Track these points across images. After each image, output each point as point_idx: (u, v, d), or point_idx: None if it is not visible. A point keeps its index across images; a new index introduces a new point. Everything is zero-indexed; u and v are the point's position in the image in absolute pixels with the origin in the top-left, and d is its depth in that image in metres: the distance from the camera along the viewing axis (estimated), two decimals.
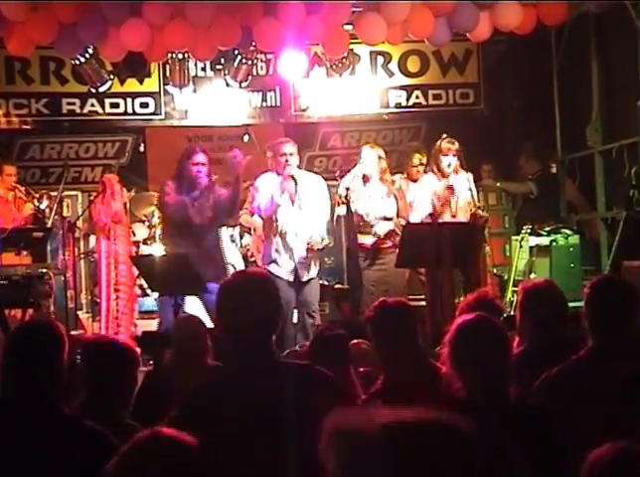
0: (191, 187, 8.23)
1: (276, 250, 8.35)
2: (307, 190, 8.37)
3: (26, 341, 3.34)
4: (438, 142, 8.72)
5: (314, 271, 8.46)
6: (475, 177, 8.97)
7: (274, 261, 8.35)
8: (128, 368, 3.97)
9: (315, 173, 10.70)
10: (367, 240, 8.69)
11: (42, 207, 9.83)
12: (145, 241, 10.38)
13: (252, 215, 9.03)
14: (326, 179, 9.53)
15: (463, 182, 8.59)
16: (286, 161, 8.22)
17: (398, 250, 8.17)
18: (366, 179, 8.70)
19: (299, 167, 8.70)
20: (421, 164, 8.97)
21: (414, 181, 8.95)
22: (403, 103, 11.16)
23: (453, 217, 8.56)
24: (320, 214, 8.43)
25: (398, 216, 8.69)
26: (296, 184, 8.32)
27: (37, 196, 9.89)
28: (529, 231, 9.61)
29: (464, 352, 3.34)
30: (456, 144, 8.65)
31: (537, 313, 4.42)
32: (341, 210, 8.66)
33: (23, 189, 9.94)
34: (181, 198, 8.18)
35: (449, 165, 8.57)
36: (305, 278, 8.32)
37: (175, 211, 8.21)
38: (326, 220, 8.51)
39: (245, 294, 3.14)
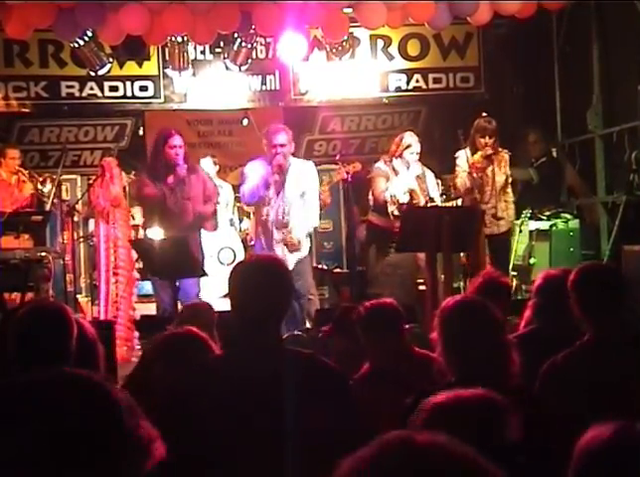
0: (167, 172, 8.18)
1: (265, 245, 8.31)
2: (295, 179, 8.27)
3: (33, 324, 3.33)
4: (476, 121, 8.83)
5: (302, 254, 8.42)
6: None
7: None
8: None
9: (315, 157, 10.70)
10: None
11: (45, 190, 9.82)
12: (144, 225, 10.37)
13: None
14: (325, 163, 9.55)
15: (502, 163, 8.77)
16: (276, 153, 8.07)
17: (398, 234, 8.17)
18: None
19: (296, 153, 8.67)
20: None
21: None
22: (404, 87, 11.12)
23: (486, 202, 8.63)
24: (309, 203, 8.36)
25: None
26: (284, 176, 8.21)
27: (40, 179, 9.88)
28: (528, 215, 9.61)
29: (449, 335, 3.35)
30: (493, 123, 8.77)
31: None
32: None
33: (26, 172, 9.93)
34: (159, 189, 8.13)
35: (486, 144, 8.69)
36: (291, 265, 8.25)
37: (154, 203, 8.19)
38: (315, 206, 8.44)
39: (253, 280, 3.13)
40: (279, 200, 8.20)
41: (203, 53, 10.62)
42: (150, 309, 9.01)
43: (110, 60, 9.80)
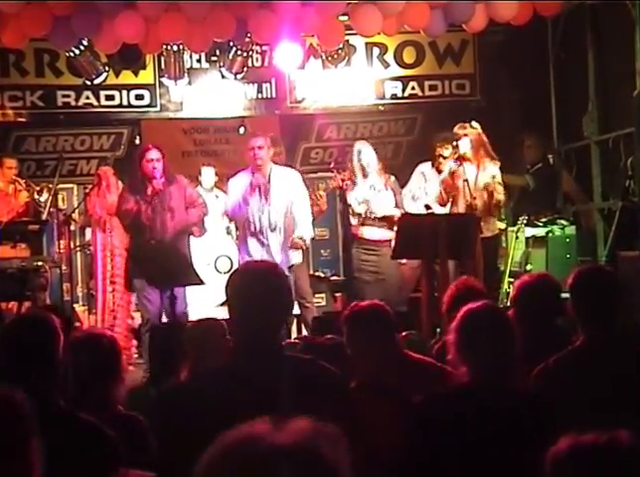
0: (145, 186, 8.26)
1: (251, 251, 8.37)
2: (279, 184, 8.38)
3: (21, 335, 3.34)
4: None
5: (296, 259, 8.48)
6: None
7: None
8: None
9: (311, 165, 10.71)
10: (371, 233, 8.71)
11: (42, 200, 9.82)
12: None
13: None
14: (321, 171, 9.56)
15: (488, 168, 8.79)
16: (254, 155, 8.30)
17: (394, 242, 8.19)
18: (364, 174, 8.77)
19: (292, 161, 8.72)
20: (442, 156, 8.98)
21: (440, 172, 9.00)
22: (399, 94, 11.15)
23: (469, 205, 8.65)
24: (300, 208, 8.44)
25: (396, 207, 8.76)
26: (269, 179, 8.34)
27: (37, 189, 9.88)
28: (525, 222, 9.61)
29: (472, 338, 3.41)
30: (468, 128, 8.78)
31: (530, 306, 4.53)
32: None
33: (23, 182, 9.93)
34: (136, 203, 8.22)
35: (462, 149, 8.71)
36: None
37: (130, 217, 8.31)
38: (307, 212, 8.52)
39: (252, 286, 3.13)
40: (267, 205, 8.29)
41: (199, 61, 10.63)
42: None
43: (106, 69, 9.80)
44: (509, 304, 5.31)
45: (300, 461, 1.29)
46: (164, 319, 8.33)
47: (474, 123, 8.90)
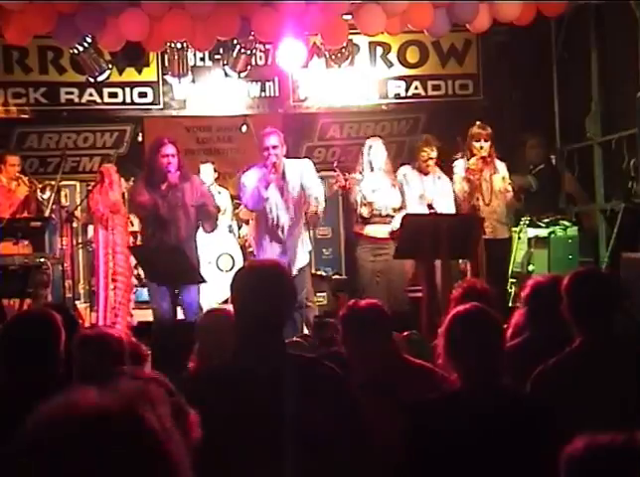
0: (161, 180, 8.21)
1: (268, 243, 8.38)
2: (293, 178, 8.36)
3: (22, 331, 3.35)
4: (471, 128, 9.03)
5: (302, 262, 8.47)
6: None
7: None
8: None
9: (314, 164, 10.69)
10: (377, 232, 8.74)
11: (44, 197, 9.82)
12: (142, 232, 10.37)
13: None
14: (324, 170, 9.55)
15: (500, 169, 9.03)
16: (268, 154, 8.22)
17: (397, 241, 8.20)
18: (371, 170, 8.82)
19: (294, 158, 8.74)
20: (430, 158, 9.01)
21: (426, 174, 9.00)
22: (402, 94, 11.14)
23: (487, 204, 8.70)
24: (312, 186, 8.44)
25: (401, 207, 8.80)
26: (283, 176, 8.32)
27: (40, 186, 9.88)
28: (527, 222, 9.60)
29: (459, 342, 3.38)
30: (488, 129, 8.97)
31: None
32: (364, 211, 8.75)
33: (26, 179, 9.93)
34: (152, 197, 8.17)
35: (481, 148, 8.87)
36: (294, 272, 8.28)
37: (147, 210, 8.24)
38: (322, 196, 8.51)
39: (255, 285, 3.13)
40: (286, 203, 8.27)
41: (202, 59, 10.63)
42: (147, 316, 9.00)
43: (110, 66, 9.80)
44: (519, 304, 5.29)
45: (117, 422, 1.34)
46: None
47: (478, 123, 8.98)
